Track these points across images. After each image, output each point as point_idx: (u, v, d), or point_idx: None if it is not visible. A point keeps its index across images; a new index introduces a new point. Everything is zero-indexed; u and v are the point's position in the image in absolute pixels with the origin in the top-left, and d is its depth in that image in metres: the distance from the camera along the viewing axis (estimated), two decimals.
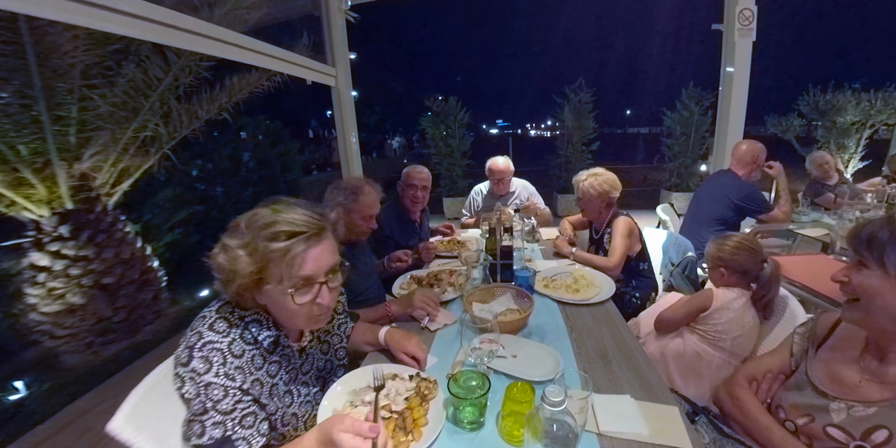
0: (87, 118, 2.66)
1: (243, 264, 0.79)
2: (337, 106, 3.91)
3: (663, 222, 2.89)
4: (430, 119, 6.86)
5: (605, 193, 2.00)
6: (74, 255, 2.65)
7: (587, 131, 6.78)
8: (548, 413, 0.73)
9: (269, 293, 0.83)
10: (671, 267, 2.18)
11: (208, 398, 0.77)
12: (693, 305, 1.42)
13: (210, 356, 0.79)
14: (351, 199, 1.64)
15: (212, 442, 0.76)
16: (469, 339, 1.03)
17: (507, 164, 2.88)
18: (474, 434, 0.89)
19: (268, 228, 0.79)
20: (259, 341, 0.86)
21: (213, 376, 0.78)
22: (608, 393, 0.99)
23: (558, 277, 1.76)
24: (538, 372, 1.05)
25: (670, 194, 6.78)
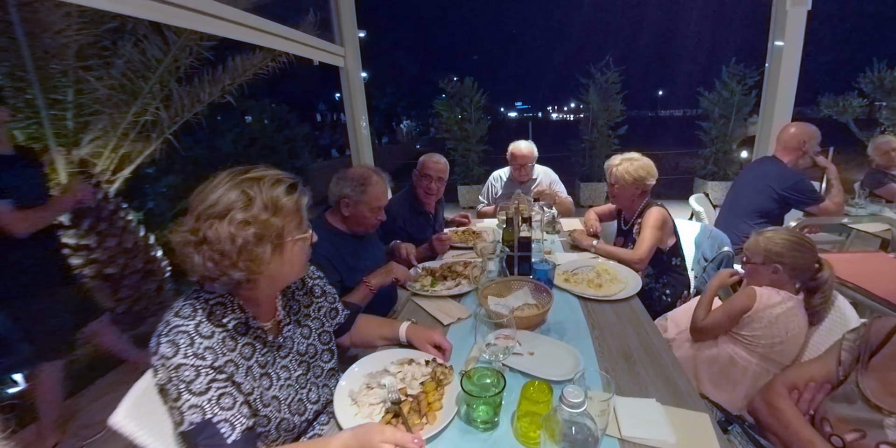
0: (84, 102, 2.69)
1: (274, 225, 0.84)
2: (346, 88, 3.91)
3: (697, 214, 2.82)
4: (444, 102, 6.82)
5: (641, 180, 1.96)
6: (75, 245, 2.73)
7: (614, 114, 6.64)
8: (566, 415, 0.72)
9: (287, 248, 0.88)
10: (704, 263, 2.13)
11: (180, 380, 0.79)
12: (735, 307, 1.38)
13: (176, 339, 0.81)
14: (358, 191, 1.64)
15: (193, 427, 0.78)
16: (484, 335, 1.03)
17: (530, 149, 2.86)
18: (488, 434, 0.90)
19: (276, 187, 0.86)
20: (224, 324, 0.87)
21: (181, 358, 0.79)
22: (632, 396, 0.99)
23: (580, 271, 1.75)
24: (556, 371, 1.05)
25: (705, 183, 6.62)
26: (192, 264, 0.82)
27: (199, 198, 0.83)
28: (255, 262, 0.83)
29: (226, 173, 0.86)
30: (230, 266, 0.82)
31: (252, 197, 0.83)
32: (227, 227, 0.80)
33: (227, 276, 0.83)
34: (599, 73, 6.53)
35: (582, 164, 6.97)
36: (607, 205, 2.49)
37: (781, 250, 1.34)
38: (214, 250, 0.80)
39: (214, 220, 0.80)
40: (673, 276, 2.02)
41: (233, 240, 0.80)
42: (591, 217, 2.45)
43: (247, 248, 0.82)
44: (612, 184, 2.02)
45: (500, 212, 2.63)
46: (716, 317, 1.42)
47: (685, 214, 3.12)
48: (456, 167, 6.87)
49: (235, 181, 0.84)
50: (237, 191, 0.83)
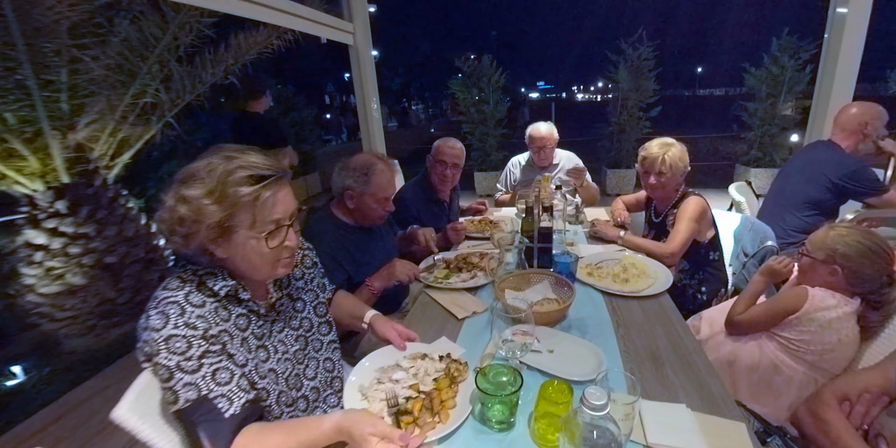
0: (79, 83, 2.72)
1: (210, 213, 0.82)
2: (356, 67, 3.90)
3: (737, 204, 2.74)
4: (460, 82, 6.75)
5: (686, 167, 1.93)
6: (73, 233, 2.80)
7: (646, 94, 6.44)
8: (587, 417, 0.72)
9: (236, 241, 0.87)
10: (744, 258, 2.07)
11: (171, 352, 0.80)
12: (779, 307, 1.34)
13: (166, 310, 0.82)
14: (362, 181, 1.63)
15: (189, 405, 0.80)
16: (500, 330, 1.03)
17: (550, 131, 2.83)
18: (503, 435, 0.90)
19: (234, 174, 0.83)
20: (216, 292, 0.89)
21: (171, 329, 0.81)
22: (659, 400, 0.98)
23: (604, 265, 1.74)
24: (578, 370, 1.05)
25: (748, 170, 6.39)
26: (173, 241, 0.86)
27: (179, 174, 0.86)
28: (187, 239, 0.85)
29: (212, 150, 0.88)
30: (169, 233, 0.85)
31: (201, 178, 0.83)
32: (170, 198, 0.83)
33: (183, 247, 0.86)
34: (631, 48, 6.32)
35: (609, 150, 6.83)
36: (636, 193, 2.45)
37: (849, 252, 1.26)
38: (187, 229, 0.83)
39: (170, 188, 0.84)
40: (710, 271, 1.98)
41: (170, 212, 0.83)
42: (619, 206, 2.41)
43: (177, 224, 0.83)
44: (662, 173, 1.92)
45: (520, 200, 2.62)
46: (755, 313, 1.39)
47: (724, 205, 3.04)
48: (472, 152, 6.82)
49: (215, 154, 0.86)
50: (202, 163, 0.84)
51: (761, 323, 1.37)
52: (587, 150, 4.08)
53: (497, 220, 2.45)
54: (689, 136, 9.13)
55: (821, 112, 2.99)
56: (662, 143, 1.94)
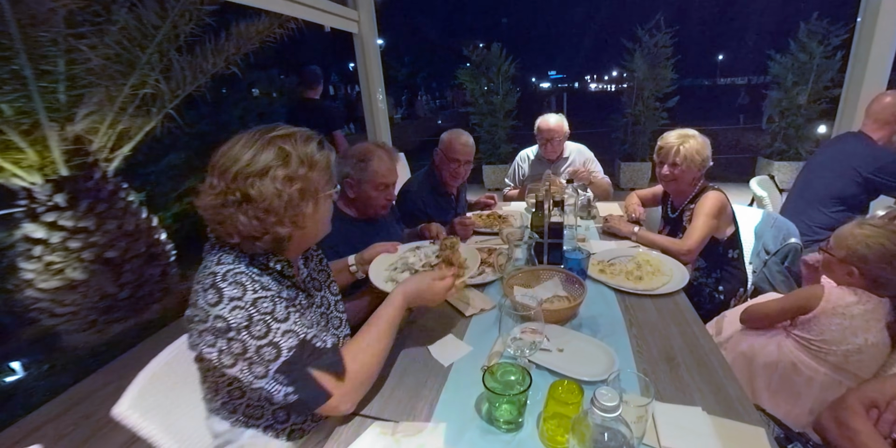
0: (76, 73, 2.74)
1: (315, 179, 0.94)
2: (360, 57, 3.89)
3: (759, 199, 2.71)
4: (468, 71, 6.72)
5: (706, 161, 1.90)
6: (73, 227, 2.84)
7: (663, 83, 6.35)
8: (598, 419, 0.71)
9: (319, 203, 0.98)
10: (765, 256, 2.05)
11: (262, 313, 0.86)
12: (791, 302, 1.33)
13: (238, 280, 0.87)
14: (359, 168, 1.65)
15: (292, 352, 0.86)
16: (508, 328, 1.03)
17: (559, 123, 2.82)
18: (511, 436, 0.90)
19: (309, 142, 0.95)
20: (271, 267, 0.96)
21: (252, 293, 0.87)
22: (673, 402, 0.97)
23: (617, 262, 1.73)
24: (588, 370, 1.05)
25: (771, 163, 6.30)
26: (234, 225, 0.88)
27: (229, 157, 0.89)
28: (299, 217, 0.93)
29: (250, 133, 0.92)
30: (276, 223, 0.90)
31: (289, 153, 0.90)
32: (271, 184, 0.88)
33: (270, 234, 0.91)
34: (647, 35, 6.23)
35: (623, 142, 6.77)
36: (652, 188, 2.43)
37: (868, 255, 1.24)
38: (259, 208, 0.88)
39: (254, 179, 0.87)
40: (728, 270, 1.96)
41: (279, 196, 0.89)
42: (634, 201, 2.39)
43: (292, 204, 0.91)
44: (676, 164, 1.91)
45: (529, 194, 2.60)
46: (769, 306, 1.38)
47: (745, 200, 3.01)
48: (481, 145, 6.80)
49: (265, 139, 0.90)
50: (273, 148, 0.89)
51: (772, 317, 1.36)
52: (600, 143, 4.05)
53: (506, 215, 2.44)
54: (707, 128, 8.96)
55: (851, 101, 2.92)
56: (681, 134, 1.91)
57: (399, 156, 1.76)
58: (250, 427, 1.02)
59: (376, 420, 0.96)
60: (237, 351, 0.84)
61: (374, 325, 1.00)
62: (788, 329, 1.36)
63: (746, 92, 14.89)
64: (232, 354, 0.85)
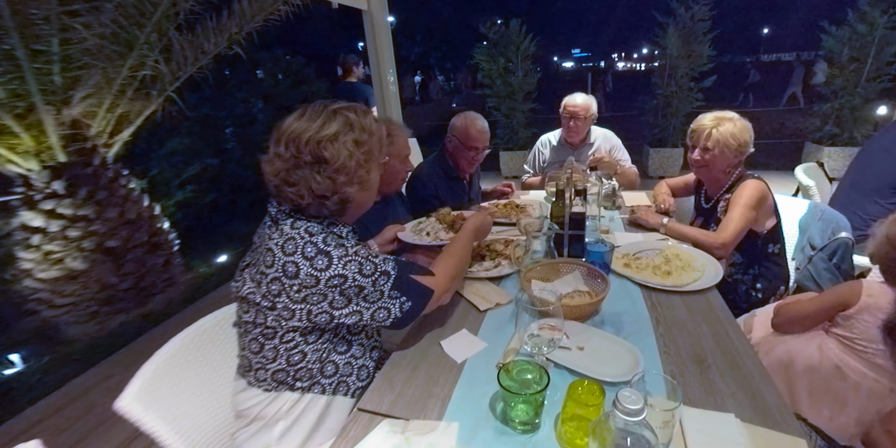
0: (72, 53, 2.76)
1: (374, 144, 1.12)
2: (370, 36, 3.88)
3: (804, 189, 2.63)
4: (485, 50, 6.64)
5: (744, 146, 1.85)
6: (72, 215, 2.90)
7: (699, 61, 6.14)
8: (620, 423, 0.71)
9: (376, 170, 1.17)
10: (811, 251, 2.00)
11: (364, 257, 1.06)
12: (829, 300, 1.30)
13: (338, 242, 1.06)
14: (388, 142, 1.70)
15: (396, 270, 1.10)
16: (525, 324, 1.03)
17: (587, 103, 2.78)
18: (527, 437, 0.91)
19: (365, 113, 1.13)
20: (343, 235, 1.15)
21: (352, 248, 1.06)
22: (703, 408, 0.96)
23: (644, 255, 1.72)
24: (611, 370, 1.05)
25: (820, 149, 6.08)
26: (308, 185, 1.04)
27: (297, 127, 1.05)
28: (364, 178, 1.11)
29: (312, 106, 1.09)
30: (345, 183, 1.07)
31: (353, 121, 1.08)
32: (343, 147, 1.05)
33: (339, 194, 1.07)
34: (683, 8, 6.03)
35: (653, 126, 6.63)
36: (683, 176, 2.39)
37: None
38: (332, 169, 1.05)
39: (327, 143, 1.04)
40: (768, 266, 1.92)
41: (351, 156, 1.06)
42: (663, 190, 2.36)
43: (361, 165, 1.09)
44: (709, 149, 1.87)
45: (549, 182, 2.58)
46: (804, 306, 1.35)
47: (789, 189, 2.94)
48: (498, 130, 6.75)
49: (330, 110, 1.08)
50: (340, 117, 1.07)
51: (807, 318, 1.33)
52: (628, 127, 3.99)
53: (524, 204, 2.42)
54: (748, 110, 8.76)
55: None
56: (717, 117, 1.87)
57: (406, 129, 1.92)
58: (295, 391, 1.11)
59: (386, 417, 0.98)
60: (353, 293, 1.03)
61: (452, 244, 1.37)
62: (828, 327, 1.33)
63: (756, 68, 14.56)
64: (346, 297, 1.03)
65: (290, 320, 1.03)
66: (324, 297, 1.02)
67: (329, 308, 1.04)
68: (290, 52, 8.22)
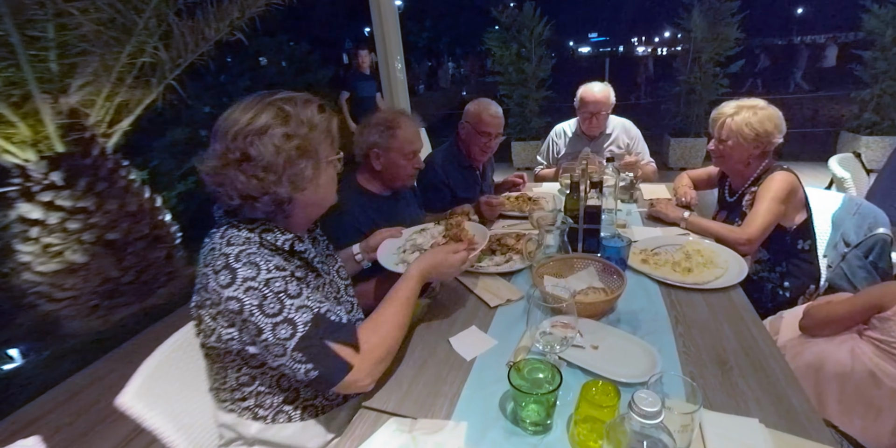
0: (68, 40, 2.79)
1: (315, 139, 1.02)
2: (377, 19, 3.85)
3: (839, 181, 2.58)
4: (497, 35, 6.59)
5: (765, 136, 1.81)
6: (71, 207, 2.94)
7: (725, 45, 6.01)
8: (636, 425, 0.71)
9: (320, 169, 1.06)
10: (845, 248, 1.96)
11: (275, 292, 0.94)
12: (864, 300, 1.28)
13: (252, 260, 0.95)
14: (387, 136, 1.71)
15: (308, 327, 0.94)
16: (537, 322, 1.03)
17: (605, 93, 2.73)
18: (538, 438, 0.91)
19: (309, 104, 1.04)
20: (279, 246, 1.03)
21: (266, 273, 0.95)
22: (725, 411, 0.96)
23: (663, 251, 1.71)
24: (626, 371, 1.04)
25: (857, 138, 5.92)
26: (234, 185, 0.96)
27: (229, 120, 0.98)
28: (297, 177, 1.01)
29: (251, 97, 1.01)
30: (275, 182, 0.98)
31: (288, 113, 0.99)
32: (270, 141, 0.96)
33: (270, 195, 0.99)
34: None
35: (675, 114, 6.54)
36: (706, 168, 2.36)
37: None
38: (259, 167, 0.96)
39: (254, 137, 0.96)
40: (797, 264, 1.90)
41: (277, 152, 0.97)
42: (684, 182, 2.33)
43: (290, 161, 0.99)
44: (723, 139, 1.86)
45: (564, 174, 2.56)
46: (835, 309, 1.33)
47: (821, 182, 2.88)
48: (510, 118, 6.71)
49: (265, 102, 0.99)
50: (273, 108, 0.98)
51: (838, 321, 1.30)
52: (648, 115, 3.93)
53: (537, 197, 2.41)
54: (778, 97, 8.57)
55: None
56: (739, 105, 1.84)
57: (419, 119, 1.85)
58: (258, 419, 1.06)
59: (393, 416, 0.98)
60: (253, 332, 0.92)
61: (392, 299, 1.10)
62: (862, 330, 1.31)
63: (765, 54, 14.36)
64: (250, 335, 0.93)
65: (210, 338, 0.99)
66: (228, 321, 0.95)
67: (237, 335, 0.96)
68: (293, 38, 8.23)
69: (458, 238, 1.35)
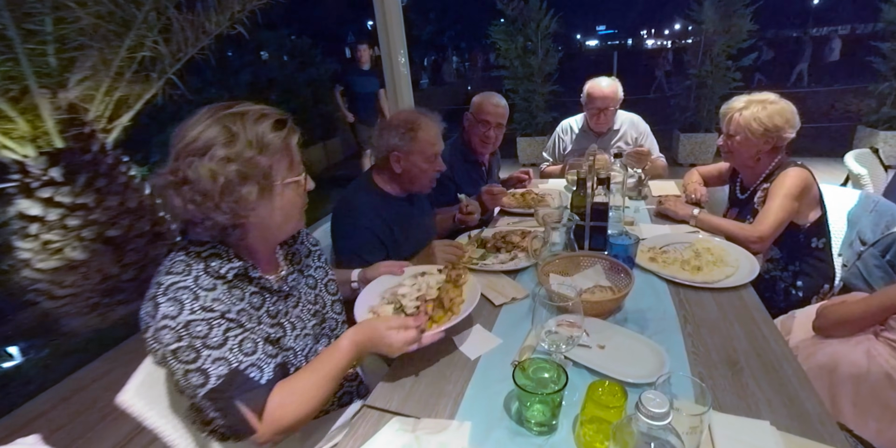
0: (66, 33, 2.79)
1: (260, 164, 0.93)
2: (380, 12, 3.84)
3: (855, 177, 2.56)
4: (502, 28, 6.57)
5: (775, 131, 1.79)
6: (71, 203, 2.95)
7: (738, 36, 5.95)
8: (643, 427, 0.70)
9: (276, 193, 0.98)
10: (861, 247, 1.94)
11: (193, 337, 0.88)
12: (881, 300, 1.27)
13: (178, 296, 0.89)
14: (408, 138, 1.67)
15: (222, 381, 0.88)
16: (543, 320, 1.03)
17: (613, 89, 2.71)
18: (543, 439, 0.91)
19: (261, 122, 0.94)
20: (223, 275, 0.97)
21: (188, 314, 0.88)
22: (735, 413, 0.95)
23: (671, 249, 1.70)
24: (633, 371, 1.04)
25: (875, 133, 5.86)
26: (173, 208, 0.91)
27: (178, 136, 0.92)
28: (239, 203, 0.92)
29: (206, 109, 0.94)
30: (213, 208, 0.90)
31: (235, 133, 0.91)
32: (208, 164, 0.88)
33: (210, 220, 0.92)
34: None
35: (685, 109, 6.52)
36: (717, 164, 2.35)
37: None
38: (195, 191, 0.89)
39: (194, 158, 0.89)
40: (810, 262, 1.88)
41: (213, 178, 0.89)
42: (694, 179, 2.32)
43: (229, 187, 0.90)
44: (732, 135, 1.86)
45: (570, 170, 2.55)
46: (850, 309, 1.32)
47: (837, 178, 2.86)
48: (515, 113, 6.70)
49: (216, 117, 0.92)
50: (218, 126, 0.91)
51: (858, 320, 1.29)
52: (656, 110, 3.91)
53: (543, 194, 2.42)
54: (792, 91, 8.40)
55: None
56: (749, 100, 1.83)
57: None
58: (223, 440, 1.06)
59: (396, 415, 0.99)
60: (167, 372, 0.90)
61: (317, 370, 0.97)
62: (879, 331, 1.30)
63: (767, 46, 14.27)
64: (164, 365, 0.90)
65: None
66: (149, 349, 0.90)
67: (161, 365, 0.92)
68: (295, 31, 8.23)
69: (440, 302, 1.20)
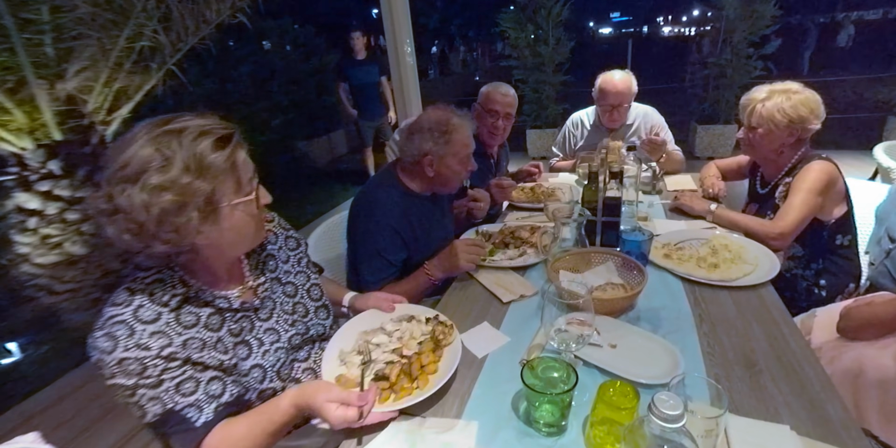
0: (63, 22, 2.78)
1: (198, 190, 0.87)
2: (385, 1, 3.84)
3: (884, 171, 2.53)
4: (512, 16, 6.54)
5: (800, 123, 1.76)
6: (70, 197, 2.98)
7: (760, 23, 5.83)
8: (656, 429, 0.70)
9: (223, 215, 0.93)
10: (889, 244, 1.92)
11: (127, 375, 0.87)
12: None
13: (113, 331, 0.88)
14: (443, 142, 1.64)
15: (157, 419, 0.89)
16: (552, 318, 1.03)
17: (627, 84, 2.64)
18: (552, 440, 0.92)
19: (200, 142, 0.88)
20: (166, 303, 0.95)
21: (122, 351, 0.87)
22: (753, 417, 0.95)
23: (687, 245, 1.70)
24: (646, 371, 1.04)
25: None
26: (108, 237, 0.88)
27: (110, 158, 0.87)
28: (179, 233, 0.87)
29: (143, 124, 0.89)
30: (151, 238, 0.86)
31: (169, 156, 0.85)
32: (140, 193, 0.83)
33: (150, 249, 0.88)
34: None
35: (702, 99, 6.44)
36: (736, 157, 2.33)
37: None
38: (130, 220, 0.84)
39: (126, 185, 0.83)
40: (834, 260, 1.86)
41: (147, 209, 0.83)
42: (712, 172, 2.31)
43: (165, 217, 0.85)
44: (754, 127, 1.83)
45: (582, 164, 2.54)
46: (877, 311, 1.30)
47: (865, 172, 2.82)
48: (525, 105, 6.67)
49: (151, 135, 0.86)
50: (151, 148, 0.85)
51: (886, 322, 1.28)
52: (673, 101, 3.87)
53: (553, 188, 2.41)
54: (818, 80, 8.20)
55: None
56: (772, 90, 1.80)
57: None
58: None
59: (402, 414, 1.00)
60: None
61: (256, 424, 0.96)
62: None
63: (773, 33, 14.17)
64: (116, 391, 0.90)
65: None
66: None
67: None
68: (298, 20, 8.22)
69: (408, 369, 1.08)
